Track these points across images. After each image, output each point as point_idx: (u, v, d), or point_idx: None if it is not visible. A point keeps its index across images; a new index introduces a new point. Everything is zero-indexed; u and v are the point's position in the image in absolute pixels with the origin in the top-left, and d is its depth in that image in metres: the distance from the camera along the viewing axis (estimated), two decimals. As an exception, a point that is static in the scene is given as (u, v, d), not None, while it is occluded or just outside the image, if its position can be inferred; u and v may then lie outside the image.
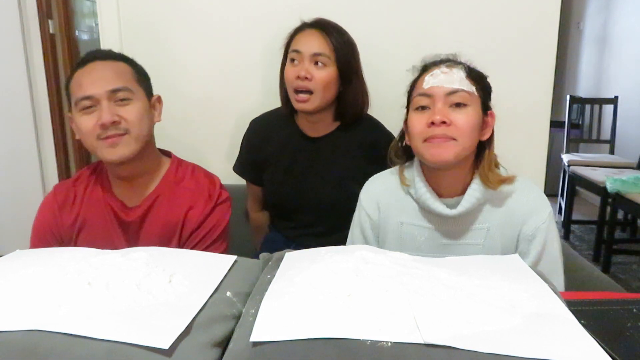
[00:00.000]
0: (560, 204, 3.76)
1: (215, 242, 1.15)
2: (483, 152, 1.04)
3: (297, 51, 1.28)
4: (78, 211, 1.14)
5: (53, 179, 2.89)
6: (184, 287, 0.71)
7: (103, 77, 1.05)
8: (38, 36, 2.76)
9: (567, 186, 3.46)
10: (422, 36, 1.52)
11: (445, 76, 0.99)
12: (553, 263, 1.04)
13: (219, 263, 0.82)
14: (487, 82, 1.06)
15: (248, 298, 0.72)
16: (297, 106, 1.31)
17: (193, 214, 1.13)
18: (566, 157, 3.55)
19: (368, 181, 1.18)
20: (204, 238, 1.14)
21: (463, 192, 1.04)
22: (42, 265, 0.78)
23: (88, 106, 1.05)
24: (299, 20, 1.34)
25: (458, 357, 0.55)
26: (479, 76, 1.03)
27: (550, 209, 1.05)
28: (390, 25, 1.54)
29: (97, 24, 1.62)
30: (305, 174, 1.40)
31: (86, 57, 1.10)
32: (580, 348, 0.56)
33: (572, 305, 0.68)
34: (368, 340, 0.56)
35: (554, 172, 3.72)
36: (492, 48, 1.51)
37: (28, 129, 2.80)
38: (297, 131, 1.41)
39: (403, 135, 1.11)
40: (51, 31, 2.82)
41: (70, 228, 1.14)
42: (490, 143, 1.05)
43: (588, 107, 3.84)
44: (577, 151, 3.89)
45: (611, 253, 2.87)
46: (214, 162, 1.55)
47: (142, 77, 1.14)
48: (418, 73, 1.07)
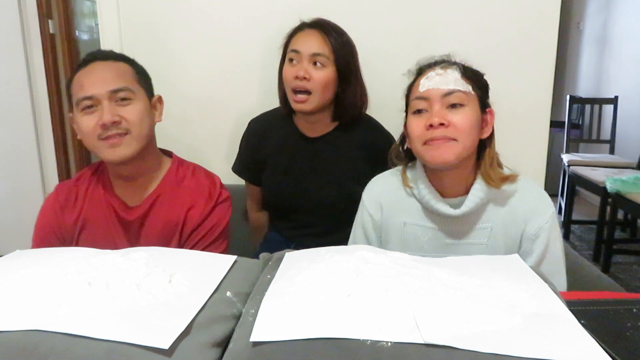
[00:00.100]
0: (560, 204, 3.75)
1: (215, 241, 1.16)
2: (484, 151, 1.04)
3: (296, 51, 1.28)
4: (80, 211, 1.15)
5: (53, 179, 2.89)
6: (184, 287, 0.71)
7: (104, 78, 1.06)
8: (38, 36, 2.76)
9: (567, 186, 3.45)
10: (422, 36, 1.52)
11: (440, 78, 0.99)
12: (556, 262, 1.04)
13: (219, 263, 0.82)
14: (484, 80, 1.05)
15: (248, 298, 0.72)
16: (295, 106, 1.31)
17: (193, 213, 1.14)
18: (566, 157, 3.55)
19: (371, 181, 1.18)
20: (204, 237, 1.14)
21: (466, 192, 1.04)
22: (42, 265, 0.78)
23: (89, 106, 1.05)
24: (299, 20, 1.34)
25: (458, 357, 0.55)
26: (475, 74, 1.03)
27: (553, 209, 1.05)
28: (390, 25, 1.53)
29: (97, 24, 1.62)
30: (303, 174, 1.40)
31: (87, 58, 1.11)
32: (580, 348, 0.56)
33: (572, 305, 0.68)
34: (368, 340, 0.56)
35: (554, 172, 3.71)
36: (492, 48, 1.51)
37: (28, 129, 2.80)
38: (296, 131, 1.41)
39: (404, 138, 1.11)
40: (51, 31, 2.82)
41: (72, 227, 1.14)
42: (490, 141, 1.05)
43: (588, 107, 3.84)
44: (577, 151, 3.89)
45: (611, 253, 2.87)
46: (214, 162, 1.55)
47: (143, 77, 1.14)
48: (414, 77, 1.07)
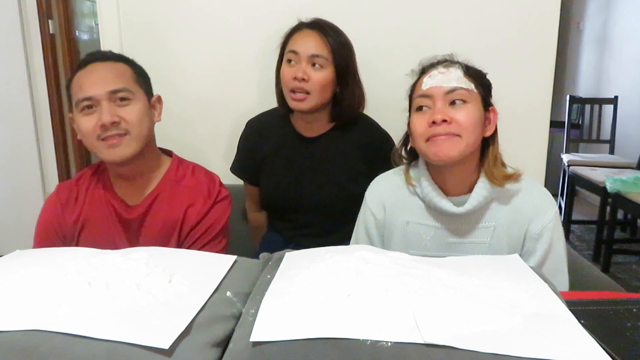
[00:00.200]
0: (560, 204, 3.75)
1: (214, 239, 1.16)
2: (488, 149, 1.05)
3: (295, 52, 1.27)
4: (80, 210, 1.15)
5: (53, 179, 2.89)
6: (184, 287, 0.71)
7: (103, 78, 1.06)
8: (38, 36, 2.76)
9: (567, 186, 3.45)
10: (422, 36, 1.52)
11: (442, 76, 1.00)
12: (558, 262, 1.05)
13: (219, 263, 0.82)
14: (487, 79, 1.06)
15: (248, 298, 0.72)
16: (293, 105, 1.30)
17: (192, 211, 1.14)
18: (566, 157, 3.55)
19: (374, 181, 1.18)
20: (203, 235, 1.15)
21: (469, 191, 1.04)
22: (43, 265, 0.78)
23: (88, 107, 1.06)
24: (298, 20, 1.34)
25: (458, 357, 0.55)
26: (477, 73, 1.04)
27: (556, 208, 1.05)
28: (390, 25, 1.53)
29: (97, 24, 1.62)
30: (301, 175, 1.40)
31: (86, 59, 1.12)
32: (580, 348, 0.56)
33: (572, 305, 0.68)
34: (368, 340, 0.56)
35: (554, 172, 3.71)
36: (492, 48, 1.51)
37: (28, 129, 2.80)
38: (293, 131, 1.40)
39: (407, 137, 1.12)
40: (51, 31, 2.82)
41: (72, 226, 1.15)
42: (494, 139, 1.05)
43: (588, 107, 3.84)
44: (577, 151, 3.89)
45: (611, 253, 2.87)
46: (214, 162, 1.55)
47: (142, 78, 1.14)
48: (417, 76, 1.08)
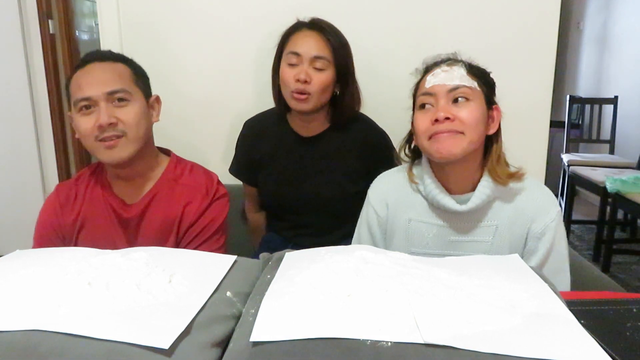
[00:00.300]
0: (560, 204, 3.75)
1: (212, 237, 1.16)
2: (491, 148, 1.05)
3: (296, 53, 1.26)
4: (79, 210, 1.16)
5: (53, 179, 2.89)
6: (184, 287, 0.71)
7: (101, 79, 1.06)
8: (38, 36, 2.76)
9: (567, 186, 3.45)
10: (422, 36, 1.52)
11: (445, 74, 1.01)
12: (561, 261, 1.05)
13: (219, 263, 0.82)
14: (490, 78, 1.06)
15: (248, 298, 0.72)
16: (294, 105, 1.29)
17: (190, 209, 1.14)
18: (566, 157, 3.55)
19: (376, 179, 1.18)
20: (202, 232, 1.15)
21: (472, 189, 1.04)
22: (42, 265, 0.78)
23: (86, 107, 1.06)
24: (296, 19, 1.33)
25: (458, 357, 0.55)
26: (480, 72, 1.04)
27: (558, 208, 1.05)
28: (390, 25, 1.53)
29: (97, 24, 1.62)
30: (299, 174, 1.40)
31: (85, 58, 1.12)
32: (580, 348, 0.56)
33: (572, 305, 0.68)
34: (368, 340, 0.56)
35: (554, 172, 3.71)
36: (492, 48, 1.51)
37: (28, 129, 2.80)
38: (290, 131, 1.40)
39: (411, 136, 1.12)
40: (51, 31, 2.82)
41: (71, 226, 1.15)
42: (497, 137, 1.06)
43: (588, 107, 3.84)
44: (577, 151, 3.89)
45: (611, 253, 2.87)
46: (213, 162, 1.55)
47: (141, 78, 1.14)
48: (421, 75, 1.08)
